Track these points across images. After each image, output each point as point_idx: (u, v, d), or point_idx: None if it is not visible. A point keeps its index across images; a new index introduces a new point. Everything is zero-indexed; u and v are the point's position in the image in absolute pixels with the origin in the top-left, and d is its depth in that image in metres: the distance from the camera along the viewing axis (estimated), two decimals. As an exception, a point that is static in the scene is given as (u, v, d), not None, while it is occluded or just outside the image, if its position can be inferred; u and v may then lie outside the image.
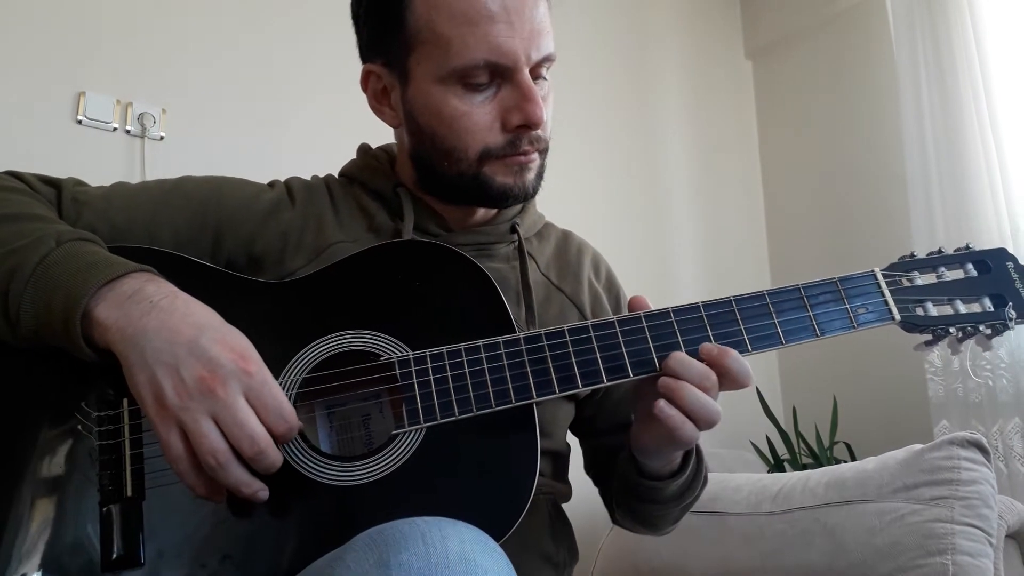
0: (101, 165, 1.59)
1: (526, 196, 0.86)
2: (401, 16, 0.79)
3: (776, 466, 2.18)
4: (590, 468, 1.05)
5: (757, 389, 2.28)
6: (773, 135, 2.81)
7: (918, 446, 1.35)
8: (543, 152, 0.86)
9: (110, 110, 1.61)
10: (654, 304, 0.76)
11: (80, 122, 1.58)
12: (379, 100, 0.88)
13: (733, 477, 1.62)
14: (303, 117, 1.84)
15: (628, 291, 1.05)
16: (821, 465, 2.03)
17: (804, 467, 2.15)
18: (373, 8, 0.83)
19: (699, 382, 0.70)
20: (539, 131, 0.82)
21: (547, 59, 0.82)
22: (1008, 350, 1.91)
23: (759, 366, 2.70)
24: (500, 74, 0.79)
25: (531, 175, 0.85)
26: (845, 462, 1.81)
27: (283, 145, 1.80)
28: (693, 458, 0.85)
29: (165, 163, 1.65)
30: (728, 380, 0.71)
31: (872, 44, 2.46)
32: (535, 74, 0.81)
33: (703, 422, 0.70)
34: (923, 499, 1.26)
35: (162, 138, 1.66)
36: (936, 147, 2.08)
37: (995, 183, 1.97)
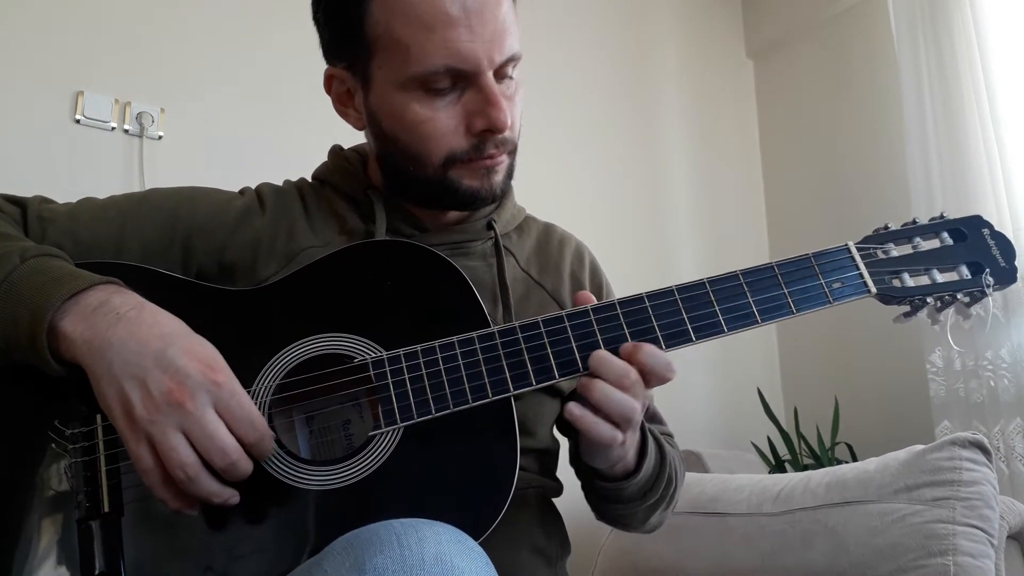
0: (99, 164, 1.59)
1: (494, 198, 0.85)
2: (360, 21, 0.78)
3: (777, 467, 2.18)
4: (572, 460, 1.04)
5: (758, 389, 2.27)
6: (774, 135, 2.81)
7: (919, 447, 1.34)
8: (511, 153, 0.84)
9: (108, 109, 1.61)
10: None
11: (78, 121, 1.58)
12: (343, 103, 0.87)
13: (734, 478, 1.61)
14: (302, 116, 1.83)
15: (625, 289, 1.04)
16: (822, 466, 2.02)
17: (805, 468, 2.14)
18: (332, 12, 0.82)
19: (617, 380, 0.69)
20: (505, 134, 0.80)
21: (512, 59, 0.80)
22: (1009, 350, 1.90)
23: (760, 366, 2.71)
24: (462, 78, 0.77)
25: (499, 177, 0.83)
26: (846, 463, 1.80)
27: (282, 145, 1.79)
28: (649, 458, 0.82)
29: (163, 162, 1.65)
30: (650, 376, 0.70)
31: (873, 43, 2.46)
32: (501, 74, 0.79)
33: (618, 418, 0.69)
34: (924, 500, 1.25)
35: (160, 137, 1.66)
36: (938, 146, 2.08)
37: (997, 183, 1.96)
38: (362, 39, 0.79)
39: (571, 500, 1.01)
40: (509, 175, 0.85)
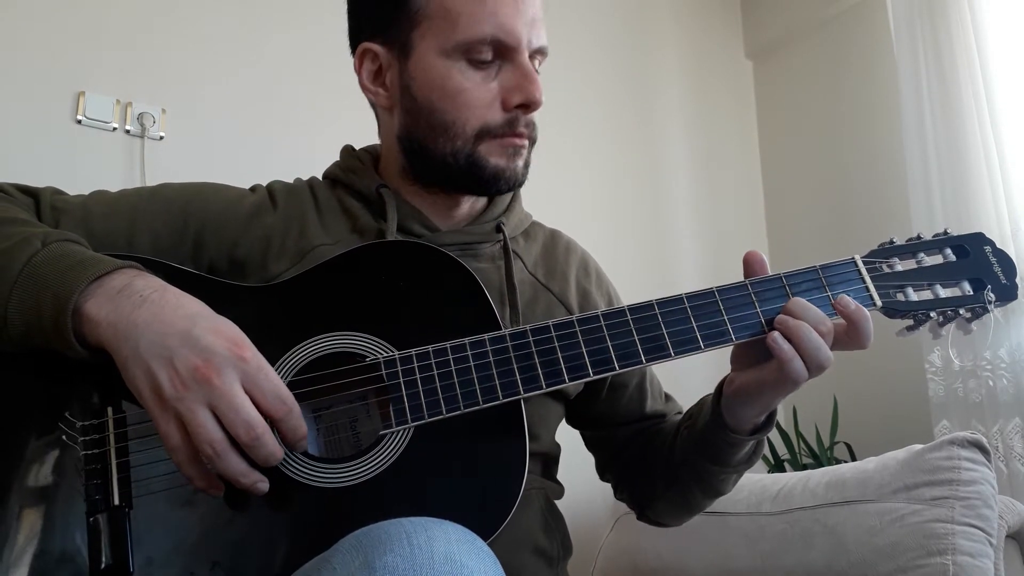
0: (101, 165, 1.59)
1: (516, 183, 0.86)
2: None
3: (776, 466, 2.18)
4: (608, 466, 1.05)
5: (757, 389, 2.27)
6: (773, 135, 2.81)
7: (918, 446, 1.34)
8: (532, 142, 0.87)
9: (110, 110, 1.61)
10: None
11: (80, 122, 1.58)
12: (373, 81, 0.88)
13: (733, 477, 1.62)
14: (303, 117, 1.83)
15: (626, 289, 1.05)
16: (821, 465, 2.02)
17: (804, 467, 2.14)
18: None
19: (816, 324, 0.71)
20: (532, 116, 0.84)
21: (541, 51, 0.85)
22: (1008, 350, 1.90)
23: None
24: (502, 53, 0.81)
25: (521, 161, 0.86)
26: (845, 462, 1.81)
27: (283, 145, 1.79)
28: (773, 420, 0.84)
29: (165, 163, 1.65)
30: (854, 335, 0.72)
31: (872, 43, 2.46)
32: (531, 60, 0.84)
33: (812, 363, 0.71)
34: (923, 499, 1.25)
35: (162, 138, 1.66)
36: (937, 147, 2.08)
37: (996, 183, 1.96)
38: (407, 8, 0.82)
39: (572, 501, 1.01)
40: (527, 165, 0.88)
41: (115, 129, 1.62)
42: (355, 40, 0.90)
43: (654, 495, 0.98)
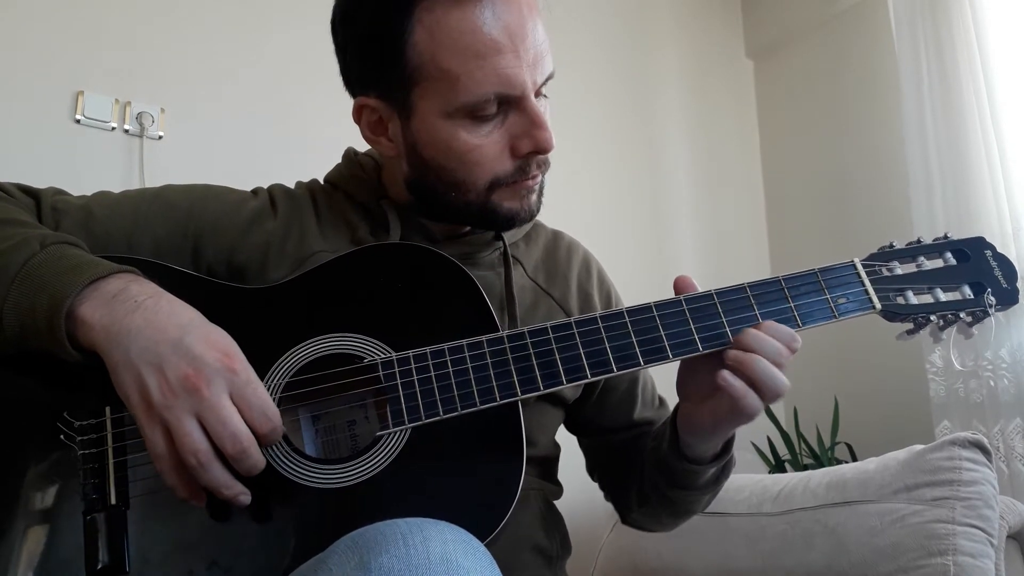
0: (99, 164, 1.59)
1: (531, 218, 0.86)
2: (401, 50, 0.76)
3: (777, 467, 2.18)
4: (595, 469, 1.05)
5: (758, 389, 2.27)
6: (774, 135, 2.81)
7: (919, 447, 1.34)
8: (545, 172, 0.85)
9: (108, 109, 1.61)
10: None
11: (78, 121, 1.58)
12: (375, 132, 0.85)
13: (734, 478, 1.60)
14: (302, 117, 1.83)
15: (627, 291, 1.05)
16: (822, 465, 2.02)
17: (805, 468, 2.14)
18: (366, 40, 0.79)
19: (774, 357, 0.71)
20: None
21: (549, 78, 0.81)
22: (1009, 350, 1.90)
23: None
24: (507, 103, 0.77)
25: (535, 196, 0.85)
26: (846, 463, 1.80)
27: (282, 145, 1.79)
28: (733, 443, 0.84)
29: (164, 162, 1.65)
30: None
31: (874, 43, 2.46)
32: (537, 94, 0.80)
33: (769, 392, 0.71)
34: (924, 500, 1.25)
35: (160, 137, 1.66)
36: (938, 146, 2.08)
37: (997, 183, 1.96)
38: (402, 68, 0.76)
39: (571, 501, 1.01)
40: (541, 192, 0.86)
41: (114, 129, 1.62)
42: (351, 90, 0.86)
43: (630, 508, 0.99)
